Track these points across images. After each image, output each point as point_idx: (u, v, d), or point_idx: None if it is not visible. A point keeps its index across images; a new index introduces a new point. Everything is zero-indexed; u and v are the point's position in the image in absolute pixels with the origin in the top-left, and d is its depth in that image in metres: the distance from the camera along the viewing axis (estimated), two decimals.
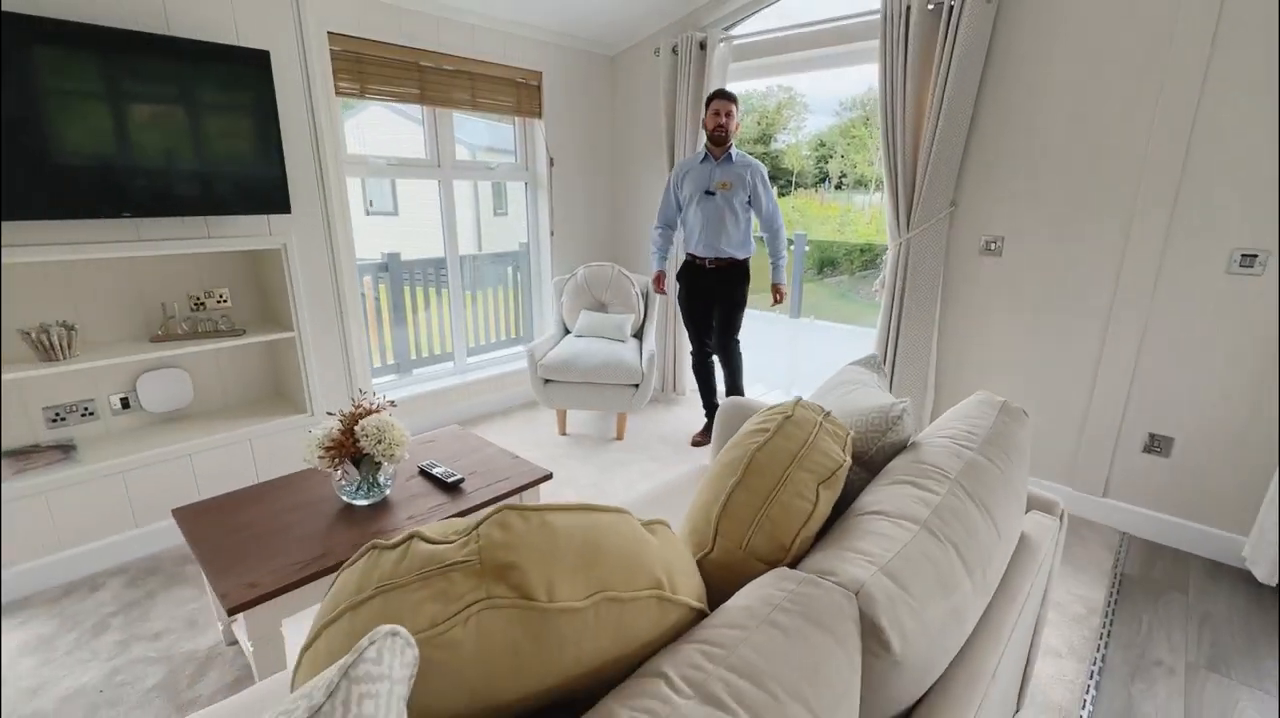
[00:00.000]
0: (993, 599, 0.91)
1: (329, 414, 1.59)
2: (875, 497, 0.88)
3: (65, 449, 2.02)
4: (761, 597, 0.65)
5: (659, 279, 3.03)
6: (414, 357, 3.41)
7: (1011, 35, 2.23)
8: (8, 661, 1.62)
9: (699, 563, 0.79)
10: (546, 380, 3.00)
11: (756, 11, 3.05)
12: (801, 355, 5.63)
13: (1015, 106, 2.26)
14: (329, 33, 2.46)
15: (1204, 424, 2.08)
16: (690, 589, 0.67)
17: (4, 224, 1.68)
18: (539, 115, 3.35)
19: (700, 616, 0.67)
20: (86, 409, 2.13)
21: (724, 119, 2.62)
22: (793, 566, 0.77)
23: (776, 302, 2.87)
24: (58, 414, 2.07)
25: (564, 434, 3.13)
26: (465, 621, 0.53)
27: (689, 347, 3.67)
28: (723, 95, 2.64)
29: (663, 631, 0.63)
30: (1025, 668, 1.29)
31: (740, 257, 2.77)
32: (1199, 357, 2.05)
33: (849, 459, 0.89)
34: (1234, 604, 1.89)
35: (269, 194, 2.08)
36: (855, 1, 2.66)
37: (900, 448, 1.05)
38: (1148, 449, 2.21)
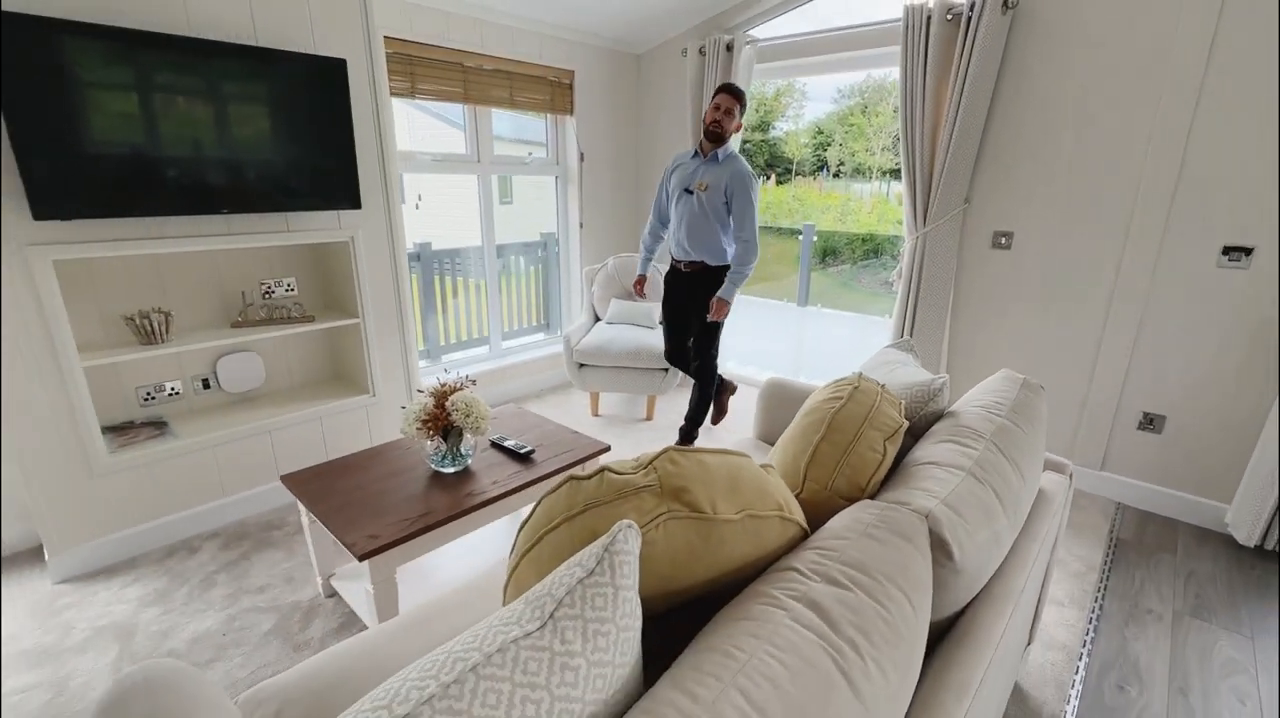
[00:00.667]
0: (1019, 534, 1.12)
1: (419, 392, 1.78)
2: (926, 452, 1.08)
3: (159, 426, 2.21)
4: (855, 518, 0.85)
5: (639, 283, 2.92)
6: (442, 343, 3.59)
7: (1025, 45, 2.41)
8: (133, 609, 1.82)
9: None
10: (581, 365, 3.20)
11: (782, 14, 3.21)
12: (808, 342, 5.84)
13: (1027, 111, 2.45)
14: (384, 37, 2.62)
15: (1193, 404, 2.29)
16: (799, 515, 0.87)
17: (122, 219, 1.86)
18: (570, 112, 3.51)
19: (805, 535, 0.87)
20: (173, 390, 2.31)
21: (722, 115, 2.46)
22: None
23: (712, 314, 2.61)
24: (149, 394, 2.26)
25: (596, 415, 3.33)
26: (656, 527, 0.73)
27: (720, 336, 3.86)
28: (729, 90, 2.47)
29: (782, 543, 0.83)
30: (1037, 607, 1.51)
31: (712, 263, 2.60)
32: (1190, 342, 2.26)
33: (905, 422, 1.09)
34: (1217, 563, 2.12)
35: (343, 191, 2.25)
36: (876, 8, 2.83)
37: (939, 416, 1.25)
38: (1142, 426, 2.42)
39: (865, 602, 0.71)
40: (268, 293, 2.47)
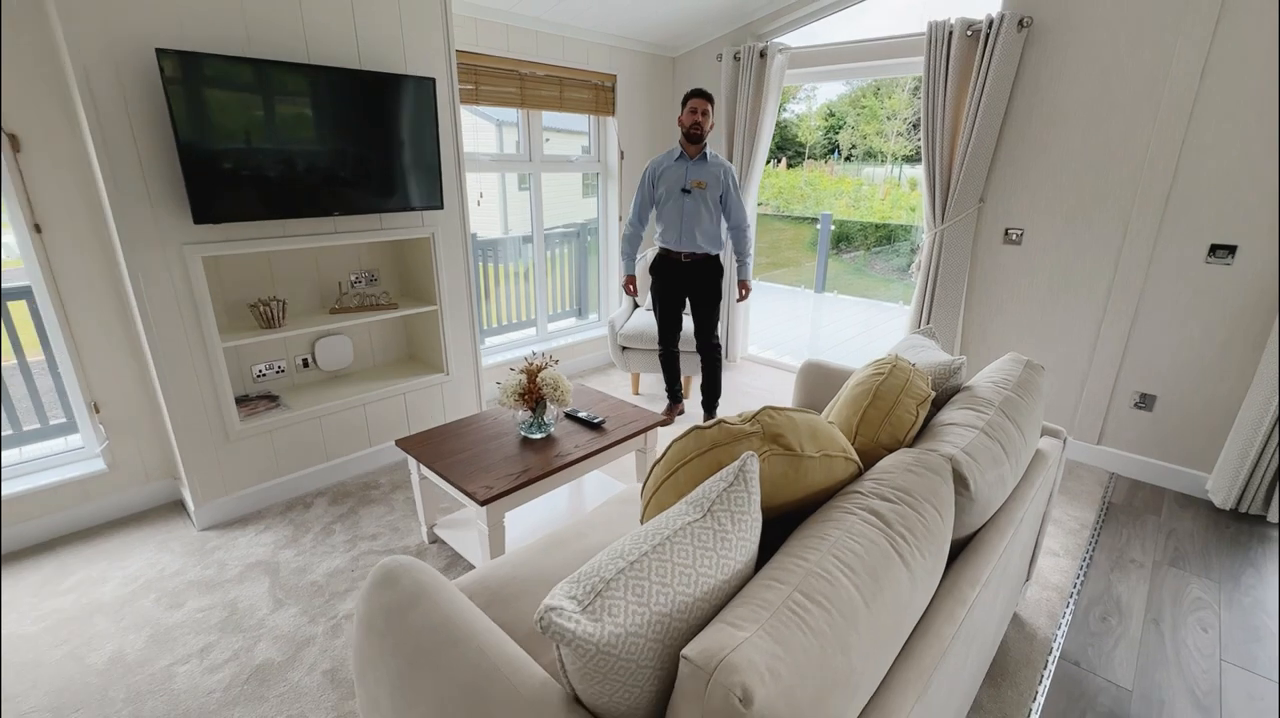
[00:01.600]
0: (1020, 481, 1.43)
1: (511, 370, 2.10)
2: (948, 416, 1.39)
3: (272, 399, 2.55)
4: (898, 460, 1.16)
5: (630, 282, 3.11)
6: (484, 326, 3.89)
7: (1038, 60, 2.66)
8: (271, 551, 2.16)
9: None
10: (624, 348, 3.51)
11: (814, 21, 3.45)
12: (824, 327, 6.12)
13: (1038, 120, 2.71)
14: (455, 50, 2.90)
15: (1181, 385, 2.58)
16: (856, 457, 1.18)
17: (256, 223, 2.18)
18: (612, 113, 3.78)
19: (860, 472, 1.19)
20: (279, 368, 2.64)
21: (700, 118, 2.72)
22: None
23: (742, 298, 3.07)
24: (260, 372, 2.59)
25: (637, 393, 3.65)
26: (762, 460, 1.04)
27: (743, 321, 4.17)
28: (700, 94, 2.73)
29: (844, 477, 1.14)
30: (1035, 549, 1.82)
31: (713, 252, 2.93)
32: (1180, 330, 2.54)
33: (932, 392, 1.39)
34: (1195, 523, 2.42)
35: (429, 192, 2.56)
36: (900, 15, 3.08)
37: (958, 389, 1.56)
38: (1136, 405, 2.71)
39: (909, 512, 1.02)
40: (355, 283, 2.79)
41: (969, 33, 2.74)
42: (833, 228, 7.79)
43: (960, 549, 1.22)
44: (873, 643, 0.83)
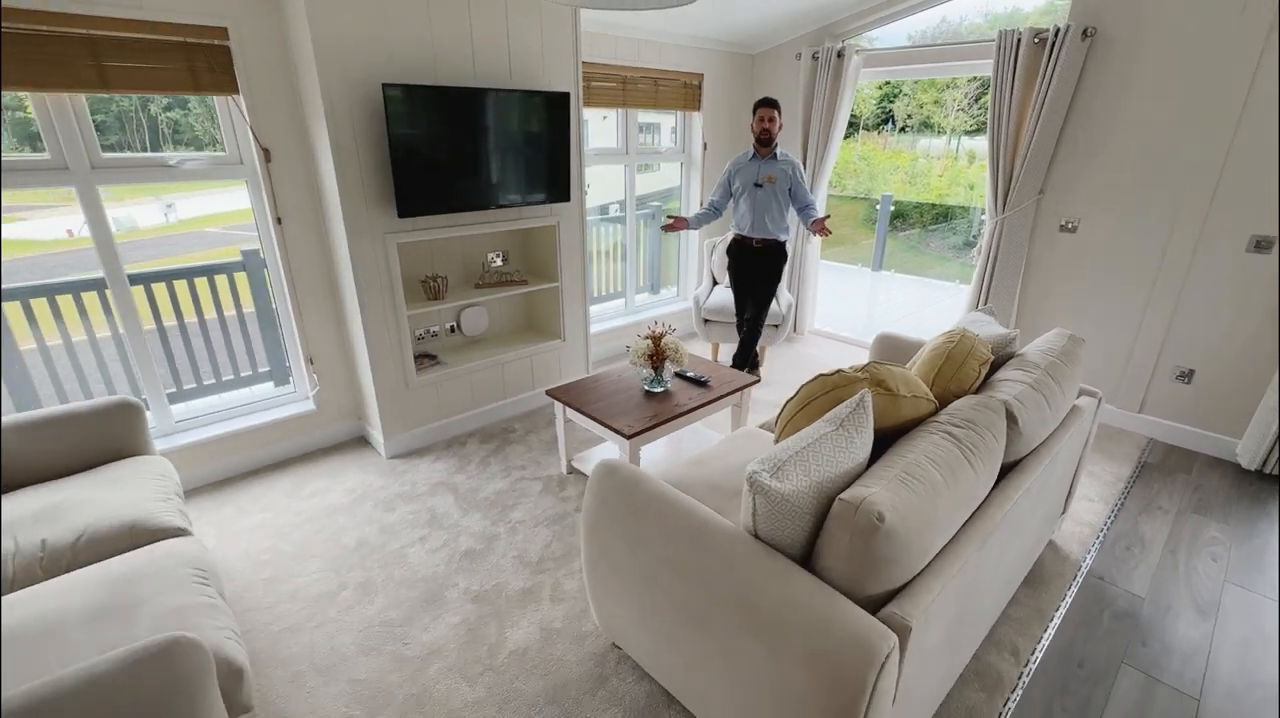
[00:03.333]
0: (1059, 426, 1.86)
1: (639, 337, 2.61)
2: (1004, 374, 1.82)
3: (432, 358, 3.14)
4: (965, 402, 1.61)
5: (679, 223, 3.39)
6: None
7: (1100, 66, 2.95)
8: (446, 475, 2.76)
9: None
10: (706, 320, 3.98)
11: (890, 23, 3.76)
12: (880, 304, 6.43)
13: (1099, 120, 3.01)
14: None
15: (1218, 360, 2.90)
16: (934, 399, 1.64)
17: (437, 215, 2.73)
18: (698, 108, 4.20)
19: (936, 410, 1.64)
20: (434, 332, 3.23)
21: (768, 124, 3.22)
22: None
23: (823, 230, 3.21)
24: (420, 335, 3.18)
25: (715, 361, 4.13)
26: (867, 397, 1.51)
27: (811, 297, 4.58)
28: (768, 104, 3.21)
29: (926, 413, 1.60)
30: (1071, 487, 2.24)
31: (781, 238, 3.42)
32: (1219, 312, 2.85)
33: (992, 357, 1.83)
34: (1222, 481, 2.78)
35: (560, 188, 3.06)
36: (970, 13, 3.37)
37: (1011, 355, 1.98)
38: (1177, 378, 3.04)
39: (974, 434, 1.48)
40: (493, 263, 3.33)
41: (1036, 40, 3.04)
42: (892, 208, 7.99)
43: (1009, 471, 1.67)
44: (950, 506, 1.31)
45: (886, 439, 1.56)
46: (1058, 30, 2.95)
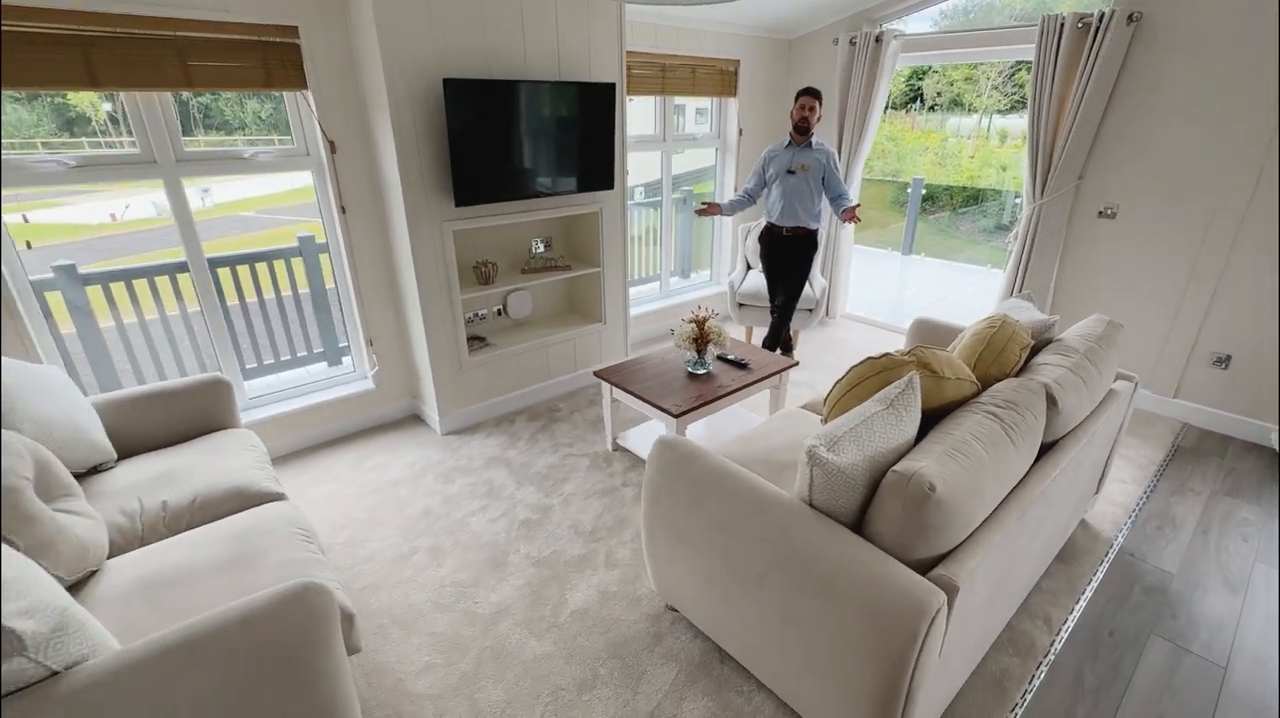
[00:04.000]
0: (1096, 407, 1.94)
1: (683, 321, 2.72)
2: (1043, 359, 1.90)
3: (481, 339, 3.29)
4: (1006, 384, 1.71)
5: (713, 208, 3.47)
6: None
7: (1145, 52, 2.94)
8: (499, 450, 2.92)
9: None
10: (740, 304, 4.07)
11: (930, 6, 3.76)
12: (910, 289, 6.43)
13: (1141, 106, 3.01)
14: None
15: (1257, 346, 2.92)
16: (977, 382, 1.73)
17: (489, 204, 2.85)
18: (734, 94, 4.24)
19: (979, 392, 1.74)
20: (482, 315, 3.38)
21: (808, 113, 3.24)
22: None
23: (853, 217, 3.22)
24: (469, 319, 3.33)
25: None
26: (915, 379, 1.61)
27: (844, 282, 4.63)
28: (810, 93, 3.24)
29: (969, 394, 1.70)
30: (1105, 468, 2.31)
31: (812, 226, 3.45)
32: (1260, 298, 2.86)
33: (1032, 341, 1.91)
34: (1256, 464, 2.82)
35: (603, 177, 3.17)
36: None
37: (1050, 340, 2.06)
38: (1214, 363, 3.07)
39: (1015, 414, 1.57)
40: (537, 249, 3.46)
41: (1079, 25, 3.04)
42: (924, 191, 7.93)
43: (1047, 450, 1.76)
44: (993, 479, 1.41)
45: (930, 419, 1.66)
46: (1102, 15, 2.95)
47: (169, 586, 1.42)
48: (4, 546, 1.14)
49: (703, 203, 3.54)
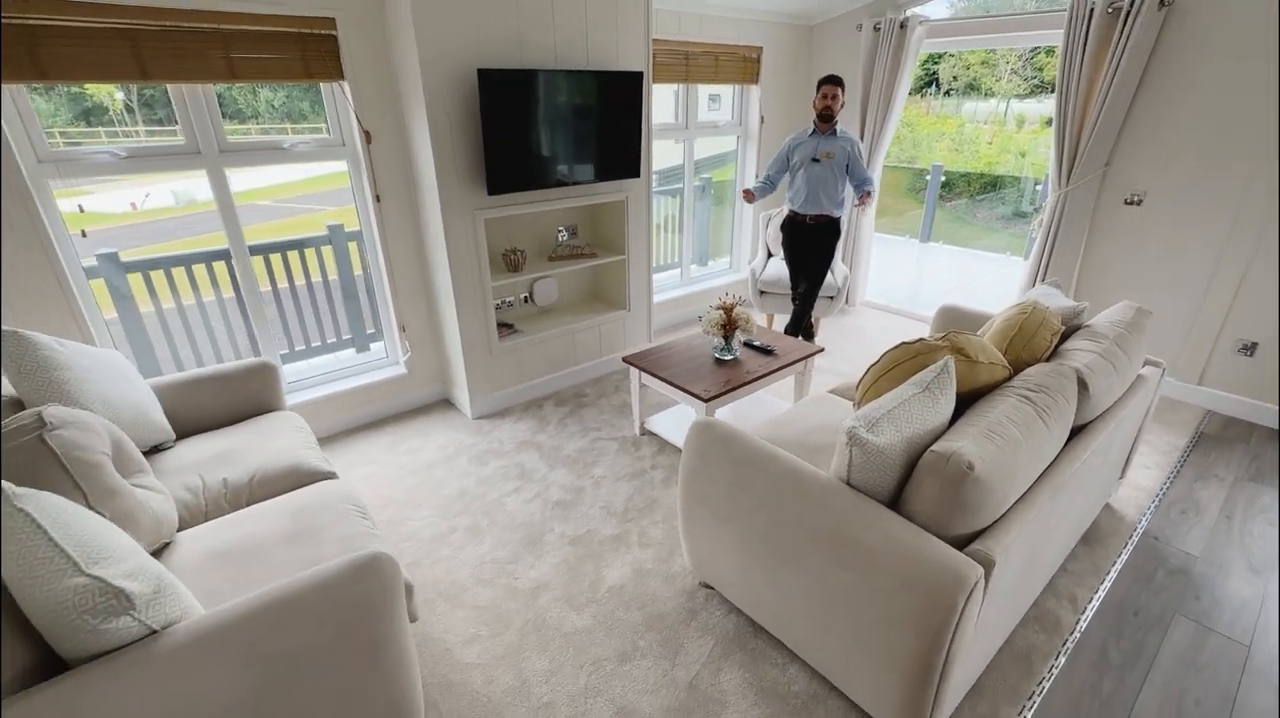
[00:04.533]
0: (1125, 392, 1.97)
1: (711, 308, 2.76)
2: (1074, 344, 1.94)
3: (509, 326, 3.35)
4: (1038, 369, 1.74)
5: (750, 195, 3.51)
6: None
7: (1175, 37, 2.92)
8: (529, 434, 3.00)
9: None
10: (762, 292, 4.11)
11: None
12: (927, 276, 6.41)
13: (1171, 93, 2.99)
14: None
15: None
16: (1008, 366, 1.77)
17: (519, 193, 2.90)
18: (756, 81, 4.25)
19: (1011, 376, 1.77)
20: (509, 302, 3.44)
21: (831, 101, 3.25)
22: None
23: (863, 202, 3.41)
24: (497, 305, 3.39)
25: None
26: (950, 363, 1.65)
27: (864, 269, 4.65)
28: (833, 81, 3.25)
29: (1001, 378, 1.74)
30: (1130, 453, 2.35)
31: (835, 214, 3.48)
32: None
33: (1062, 327, 1.94)
34: None
35: (630, 165, 3.20)
36: None
37: (1080, 327, 2.08)
38: (1239, 350, 3.07)
39: (1047, 398, 1.61)
40: (563, 236, 3.51)
41: (1110, 10, 3.02)
42: (943, 179, 7.88)
43: (1077, 433, 1.80)
44: (1027, 459, 1.46)
45: (963, 402, 1.70)
46: (1133, 0, 2.93)
47: (239, 557, 1.50)
48: (96, 517, 1.22)
49: (745, 189, 3.58)
